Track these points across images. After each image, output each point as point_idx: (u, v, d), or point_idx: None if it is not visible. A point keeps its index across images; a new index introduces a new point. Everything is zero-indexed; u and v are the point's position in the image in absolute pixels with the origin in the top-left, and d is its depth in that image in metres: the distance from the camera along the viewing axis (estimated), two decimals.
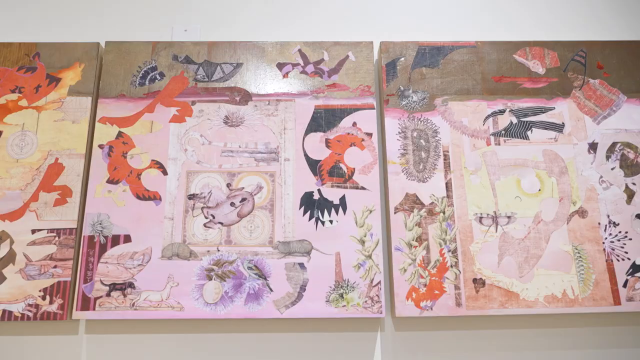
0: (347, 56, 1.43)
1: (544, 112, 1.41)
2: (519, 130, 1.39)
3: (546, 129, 1.39)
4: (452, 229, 1.31)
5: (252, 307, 1.24)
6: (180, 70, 1.41)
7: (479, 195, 1.34)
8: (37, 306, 1.23)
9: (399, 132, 1.37)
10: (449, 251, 1.29)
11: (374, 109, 1.39)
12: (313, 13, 1.58)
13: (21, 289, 1.24)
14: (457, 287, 1.27)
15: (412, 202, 1.32)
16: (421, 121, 1.39)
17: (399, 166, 1.35)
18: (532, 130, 1.39)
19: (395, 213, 1.31)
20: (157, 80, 1.40)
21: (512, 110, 1.40)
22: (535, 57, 1.45)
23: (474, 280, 1.27)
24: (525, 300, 1.26)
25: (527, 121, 1.40)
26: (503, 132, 1.39)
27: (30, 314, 1.22)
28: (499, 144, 1.38)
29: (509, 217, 1.32)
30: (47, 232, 1.28)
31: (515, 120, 1.40)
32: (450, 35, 1.56)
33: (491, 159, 1.37)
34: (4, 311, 1.23)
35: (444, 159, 1.36)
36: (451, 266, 1.28)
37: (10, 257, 1.26)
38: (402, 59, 1.43)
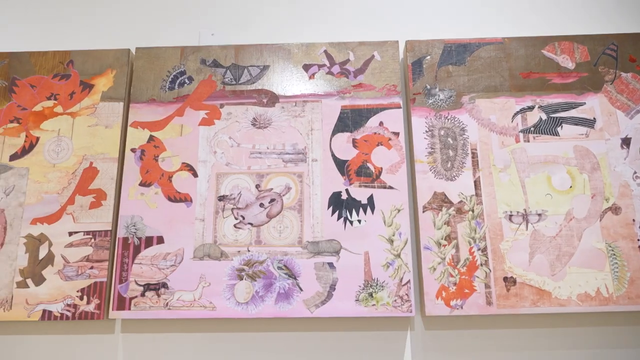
0: (373, 56, 1.43)
1: (574, 108, 1.38)
2: (548, 127, 1.37)
3: (577, 124, 1.37)
4: (481, 227, 1.30)
5: (283, 307, 1.26)
6: (208, 74, 1.44)
7: (509, 193, 1.32)
8: (75, 306, 1.27)
9: (426, 131, 1.37)
10: (479, 249, 1.28)
11: (400, 108, 1.39)
12: (338, 14, 1.58)
13: (60, 290, 1.28)
14: (487, 286, 1.26)
15: (441, 200, 1.32)
16: (448, 119, 1.38)
17: (427, 165, 1.34)
18: (562, 126, 1.37)
19: (423, 212, 1.31)
20: (186, 85, 1.43)
21: (541, 106, 1.39)
22: (564, 51, 1.42)
23: (505, 279, 1.26)
24: (558, 299, 1.25)
25: (557, 117, 1.38)
26: (532, 128, 1.37)
27: (69, 314, 1.26)
28: (528, 141, 1.36)
29: (539, 214, 1.31)
30: (84, 234, 1.32)
31: (544, 117, 1.38)
32: (477, 32, 1.54)
33: (520, 156, 1.35)
34: (44, 311, 1.27)
35: (472, 157, 1.35)
36: (481, 265, 1.27)
37: (49, 259, 1.30)
38: (428, 57, 1.43)
